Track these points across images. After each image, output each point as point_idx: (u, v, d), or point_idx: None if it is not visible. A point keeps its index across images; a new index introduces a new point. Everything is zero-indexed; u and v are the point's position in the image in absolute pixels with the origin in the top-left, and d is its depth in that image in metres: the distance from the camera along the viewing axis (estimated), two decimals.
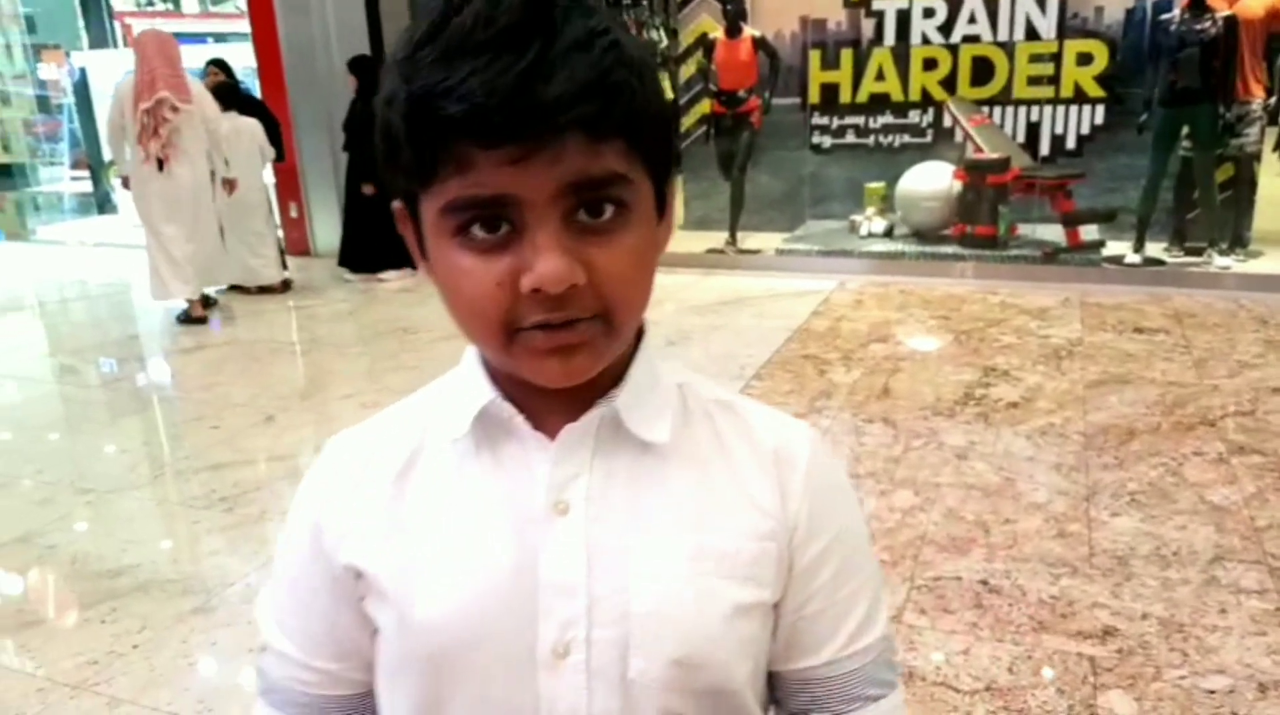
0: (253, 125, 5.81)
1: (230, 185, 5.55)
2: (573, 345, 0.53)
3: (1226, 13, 5.25)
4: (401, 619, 0.59)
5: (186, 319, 5.29)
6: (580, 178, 0.50)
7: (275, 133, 6.03)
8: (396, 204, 0.57)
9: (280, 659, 0.65)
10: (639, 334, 0.61)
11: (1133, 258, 5.58)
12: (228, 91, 5.84)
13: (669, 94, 6.42)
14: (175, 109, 5.07)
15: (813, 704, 0.64)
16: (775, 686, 0.65)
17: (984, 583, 2.30)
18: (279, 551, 0.67)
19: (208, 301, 5.66)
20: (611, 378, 0.59)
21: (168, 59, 5.14)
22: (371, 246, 6.24)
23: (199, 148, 5.29)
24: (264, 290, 5.94)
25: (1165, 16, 5.48)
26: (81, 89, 10.07)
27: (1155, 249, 5.62)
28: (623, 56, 0.50)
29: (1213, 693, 1.87)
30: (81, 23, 11.04)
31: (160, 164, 5.10)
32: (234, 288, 5.94)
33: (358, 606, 0.62)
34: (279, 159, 6.17)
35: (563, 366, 0.54)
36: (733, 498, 0.60)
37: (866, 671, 0.63)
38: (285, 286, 6.05)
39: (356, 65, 6.00)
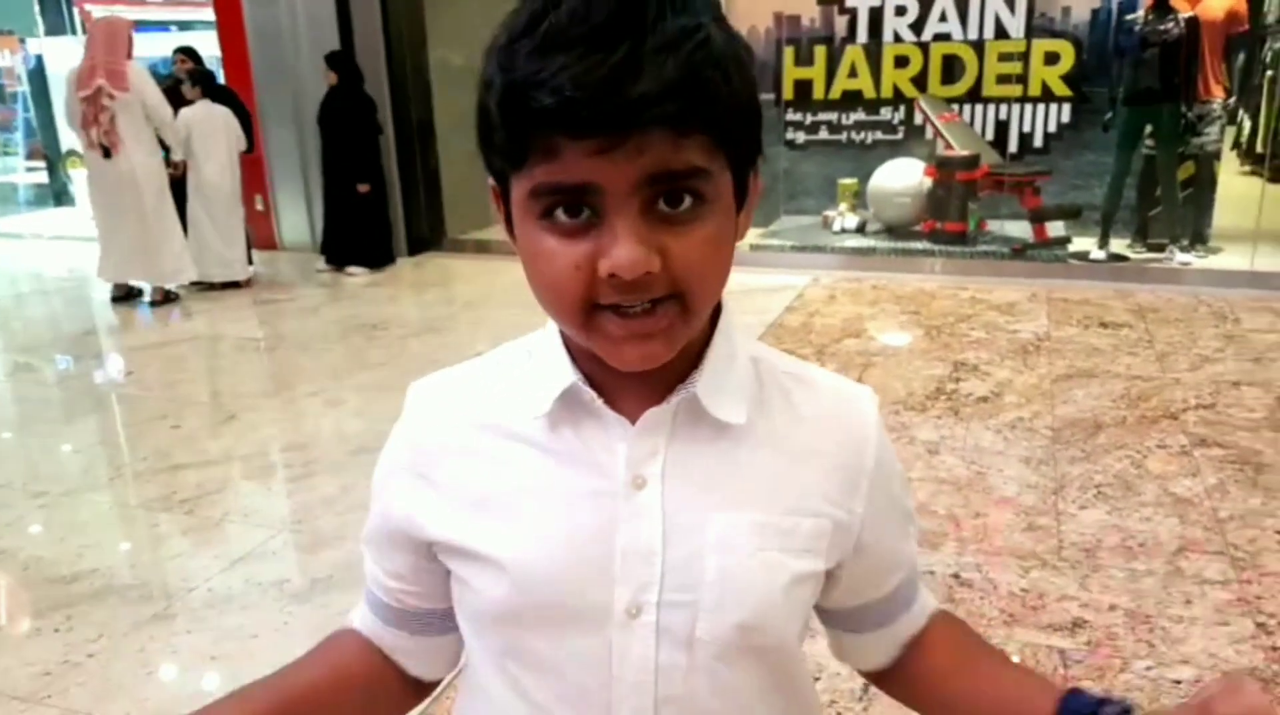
0: (225, 114, 5.70)
1: (175, 167, 5.51)
2: (648, 333, 0.56)
3: (1189, 14, 5.33)
4: (488, 579, 0.63)
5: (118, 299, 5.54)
6: (661, 170, 0.52)
7: (245, 123, 5.96)
8: (490, 182, 0.60)
9: (371, 578, 0.72)
10: (717, 310, 0.64)
11: (1097, 253, 5.66)
12: (202, 78, 5.74)
13: None
14: (112, 97, 5.10)
15: (861, 624, 0.73)
16: (822, 611, 0.72)
17: (955, 576, 2.31)
18: (373, 488, 0.71)
19: (168, 296, 5.55)
20: (687, 356, 0.61)
21: (111, 47, 5.15)
22: (343, 239, 6.19)
23: (138, 136, 5.25)
24: (229, 285, 5.84)
25: (1130, 17, 5.55)
26: (37, 77, 9.80)
27: (1119, 245, 5.70)
28: (711, 55, 0.52)
29: (1179, 683, 1.89)
30: (38, 8, 10.75)
31: (106, 151, 5.20)
32: (197, 283, 5.85)
33: (433, 556, 0.67)
34: (248, 150, 6.08)
35: (638, 352, 0.57)
36: (799, 476, 0.64)
37: (904, 587, 0.72)
38: (248, 282, 5.95)
39: (335, 59, 5.94)
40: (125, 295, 5.58)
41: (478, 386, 0.67)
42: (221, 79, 6.68)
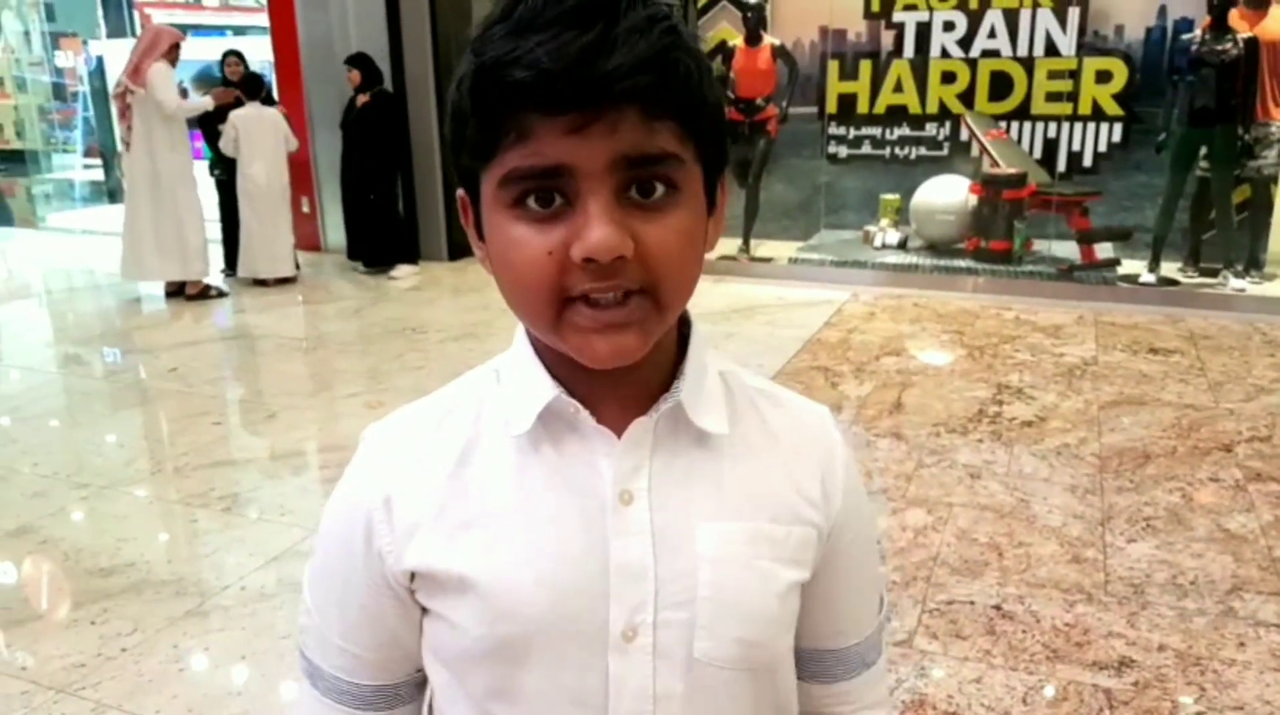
0: (274, 115, 5.81)
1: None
2: (620, 324, 0.54)
3: (1248, 34, 5.20)
4: (477, 609, 0.59)
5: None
6: (634, 152, 0.52)
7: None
8: (459, 193, 0.59)
9: (321, 643, 0.66)
10: (687, 323, 0.63)
11: (1147, 277, 5.52)
12: (252, 82, 5.85)
13: None
14: (132, 92, 5.31)
15: (822, 673, 0.71)
16: None
17: (997, 608, 2.25)
18: (322, 539, 0.66)
19: (208, 291, 5.67)
20: (660, 370, 0.61)
21: (148, 50, 5.34)
22: (380, 241, 6.25)
23: (150, 133, 5.39)
24: (279, 281, 5.96)
25: (1186, 37, 5.43)
26: (98, 77, 10.08)
27: (1170, 269, 5.56)
28: (680, 41, 0.53)
29: None
30: (100, 12, 11.05)
31: (127, 145, 5.45)
32: (242, 278, 5.96)
33: (408, 601, 0.63)
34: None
35: (610, 345, 0.54)
36: (780, 486, 0.64)
37: (870, 642, 0.72)
38: (295, 277, 6.08)
39: (356, 60, 6.04)
40: (177, 291, 5.69)
41: (441, 422, 0.63)
42: (273, 83, 6.83)
